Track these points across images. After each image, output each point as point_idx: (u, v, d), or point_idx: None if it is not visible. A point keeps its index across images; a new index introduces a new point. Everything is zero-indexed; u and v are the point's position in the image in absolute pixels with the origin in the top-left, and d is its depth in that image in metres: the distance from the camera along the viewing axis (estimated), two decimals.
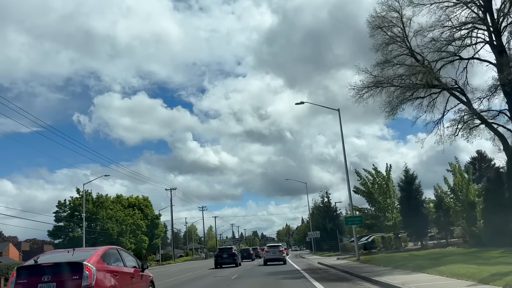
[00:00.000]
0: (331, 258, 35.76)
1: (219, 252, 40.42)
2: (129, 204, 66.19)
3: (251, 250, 51.39)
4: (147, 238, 61.06)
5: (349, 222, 25.30)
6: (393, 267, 17.36)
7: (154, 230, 67.14)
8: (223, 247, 42.08)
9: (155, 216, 67.41)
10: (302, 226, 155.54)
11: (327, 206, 51.94)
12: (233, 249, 40.12)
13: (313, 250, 57.53)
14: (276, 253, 34.12)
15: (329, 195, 52.77)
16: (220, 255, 39.10)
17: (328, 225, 50.04)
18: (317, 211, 62.82)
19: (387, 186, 32.09)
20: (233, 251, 39.22)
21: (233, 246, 42.99)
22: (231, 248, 40.72)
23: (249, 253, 50.40)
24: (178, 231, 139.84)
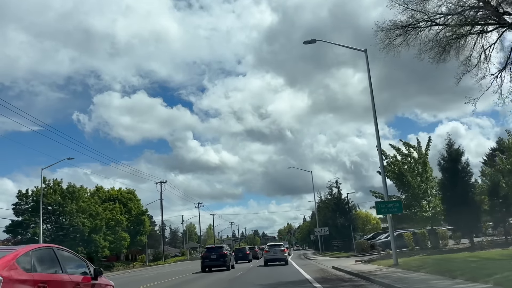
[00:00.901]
0: (347, 260, 27.78)
1: (206, 252, 32.70)
2: (109, 197, 58.25)
3: (247, 249, 43.43)
4: (127, 236, 53.02)
5: (383, 209, 17.25)
6: (495, 284, 9.26)
7: (139, 226, 59.10)
8: (211, 246, 34.27)
9: (140, 211, 59.33)
10: (304, 224, 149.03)
11: (338, 198, 43.95)
12: (224, 249, 32.47)
13: (321, 249, 49.43)
14: (277, 252, 31.65)
15: (339, 185, 44.99)
16: (208, 256, 31.39)
17: (338, 220, 42.04)
18: (323, 205, 54.70)
19: (424, 165, 23.87)
20: (223, 251, 31.53)
21: (224, 245, 35.03)
22: (221, 247, 32.98)
23: (244, 253, 42.42)
24: (176, 229, 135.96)
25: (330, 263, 27.66)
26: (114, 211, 52.20)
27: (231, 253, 35.63)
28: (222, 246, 33.89)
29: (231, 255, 34.75)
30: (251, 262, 42.25)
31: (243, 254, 42.19)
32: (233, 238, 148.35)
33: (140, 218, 59.06)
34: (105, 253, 45.94)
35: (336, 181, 44.75)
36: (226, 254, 31.63)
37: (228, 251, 33.55)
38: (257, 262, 41.50)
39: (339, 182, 44.67)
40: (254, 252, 49.59)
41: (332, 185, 49.88)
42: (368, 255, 33.75)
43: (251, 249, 49.80)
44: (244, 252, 42.49)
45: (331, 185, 49.77)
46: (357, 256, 32.51)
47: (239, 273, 25.27)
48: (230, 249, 36.43)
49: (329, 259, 33.92)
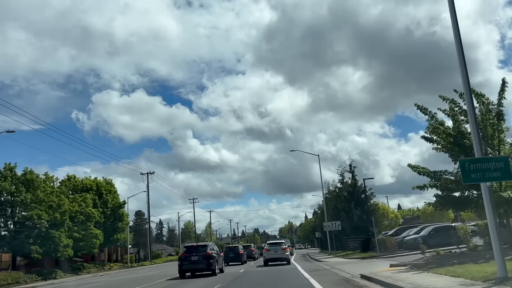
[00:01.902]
0: (375, 264, 19.71)
1: (186, 252, 25.18)
2: (83, 187, 50.05)
3: (240, 248, 35.11)
4: (100, 232, 44.82)
5: (475, 173, 9.06)
6: None
7: (116, 222, 50.85)
8: (191, 245, 26.57)
9: (118, 204, 51.03)
10: (307, 222, 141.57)
11: (352, 185, 35.63)
12: (208, 248, 24.86)
13: (330, 248, 41.17)
14: (278, 251, 29.14)
15: (354, 168, 36.61)
16: (187, 258, 24.24)
17: (354, 212, 33.75)
18: (331, 195, 46.46)
19: (497, 120, 15.44)
20: (207, 250, 24.21)
21: (209, 243, 27.00)
22: (204, 246, 25.37)
23: (237, 253, 34.20)
24: (173, 227, 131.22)
25: (352, 268, 19.43)
26: (84, 203, 43.95)
27: (219, 254, 27.55)
28: (206, 244, 25.96)
29: (220, 256, 26.87)
30: (245, 264, 34.10)
31: (235, 254, 34.01)
32: (232, 236, 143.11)
33: (117, 212, 50.76)
34: (68, 252, 37.66)
35: (350, 164, 36.58)
36: (211, 254, 24.12)
37: (214, 251, 25.79)
38: (252, 264, 33.33)
39: (354, 165, 36.52)
40: (249, 252, 41.44)
41: (343, 170, 41.55)
42: (397, 255, 25.58)
43: (245, 248, 41.61)
44: (236, 251, 34.26)
45: (342, 171, 41.45)
46: (384, 258, 24.32)
47: (230, 279, 17.29)
48: (217, 248, 28.24)
49: (346, 262, 25.64)
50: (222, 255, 29.12)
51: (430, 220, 58.93)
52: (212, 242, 28.02)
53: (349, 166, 36.30)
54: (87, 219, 43.72)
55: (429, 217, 63.77)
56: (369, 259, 26.04)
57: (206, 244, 25.83)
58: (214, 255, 24.97)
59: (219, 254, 26.94)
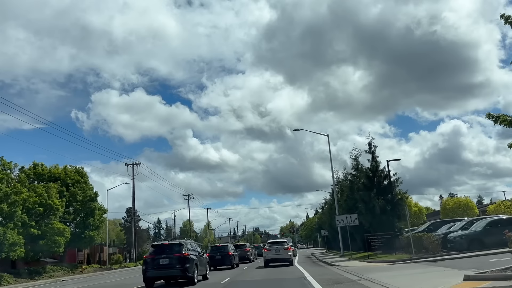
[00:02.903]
0: (432, 274, 12.53)
1: (153, 253, 18.21)
2: (50, 176, 42.68)
3: (230, 249, 27.48)
4: (66, 228, 37.43)
5: None
6: None
7: (88, 217, 43.44)
8: (161, 244, 19.38)
9: (89, 197, 43.55)
10: (309, 220, 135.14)
11: (373, 169, 28.07)
12: (184, 248, 18.11)
13: (343, 248, 33.71)
14: (279, 251, 26.12)
15: (375, 148, 28.99)
16: (155, 261, 17.75)
17: (375, 202, 26.22)
18: (343, 185, 39.09)
19: None
20: (182, 251, 17.80)
21: (187, 241, 19.60)
22: (178, 245, 18.41)
23: (225, 254, 26.67)
24: (170, 226, 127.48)
25: (398, 280, 12.01)
26: (47, 193, 36.57)
27: (202, 255, 20.30)
28: (181, 243, 18.90)
29: (202, 258, 19.82)
30: (236, 268, 26.75)
31: (223, 255, 26.55)
32: (232, 236, 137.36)
33: (89, 206, 43.31)
34: (17, 252, 30.28)
35: (370, 143, 28.97)
36: (187, 257, 17.62)
37: (193, 251, 18.92)
38: (245, 269, 26.03)
39: (375, 144, 28.93)
40: (242, 253, 33.98)
41: (357, 154, 34.06)
42: (443, 257, 18.21)
43: (238, 248, 34.23)
44: (224, 252, 26.72)
45: (357, 155, 33.94)
46: (427, 262, 16.91)
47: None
48: (200, 249, 20.88)
49: (374, 268, 18.18)
50: (206, 257, 21.70)
51: (451, 216, 51.68)
52: (190, 240, 20.55)
53: (368, 146, 28.82)
54: (49, 212, 36.38)
55: (450, 213, 56.33)
56: (405, 264, 18.62)
57: (181, 243, 18.52)
58: (191, 257, 17.87)
59: (200, 256, 19.69)
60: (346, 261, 25.40)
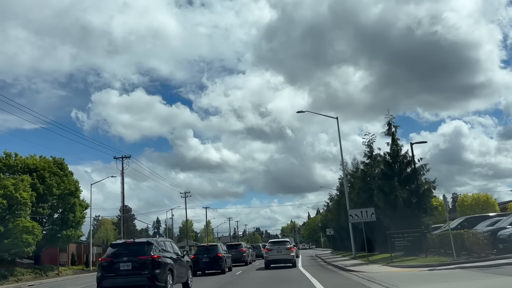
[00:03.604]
0: None
1: (112, 255, 13.40)
2: (24, 168, 38.01)
3: (221, 250, 22.51)
4: (36, 225, 32.75)
5: None
6: None
7: (67, 214, 38.73)
8: (123, 243, 14.39)
9: (68, 191, 38.81)
10: (312, 220, 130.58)
11: (394, 153, 23.13)
12: (153, 249, 13.17)
13: (355, 249, 28.91)
14: (282, 251, 24.10)
15: (396, 129, 24.02)
16: (113, 266, 13.28)
17: (399, 193, 21.36)
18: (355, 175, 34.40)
19: None
20: (151, 253, 13.17)
21: (155, 240, 14.54)
22: (146, 245, 13.53)
23: (215, 256, 21.79)
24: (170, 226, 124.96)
25: None
26: (13, 186, 31.91)
27: (182, 258, 15.56)
28: (150, 242, 13.85)
29: (183, 262, 15.35)
30: (228, 273, 22.02)
31: (212, 258, 21.72)
32: (233, 236, 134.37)
33: (68, 202, 38.59)
34: None
35: (389, 123, 23.91)
36: (158, 260, 13.13)
37: (168, 252, 14.41)
38: (237, 274, 21.31)
39: (395, 124, 23.99)
40: (237, 254, 29.27)
41: (371, 140, 29.42)
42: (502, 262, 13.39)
43: (232, 248, 29.52)
44: (213, 254, 21.80)
45: (371, 141, 29.33)
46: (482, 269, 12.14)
47: None
48: (180, 250, 16.07)
49: (410, 276, 13.44)
50: (189, 260, 16.89)
51: (469, 213, 47.02)
52: (165, 239, 15.63)
53: (387, 126, 23.94)
54: (15, 207, 31.74)
55: (468, 210, 51.55)
56: (447, 270, 13.85)
57: (150, 241, 13.76)
58: (163, 261, 13.34)
59: (179, 260, 15.00)
60: (363, 265, 20.59)
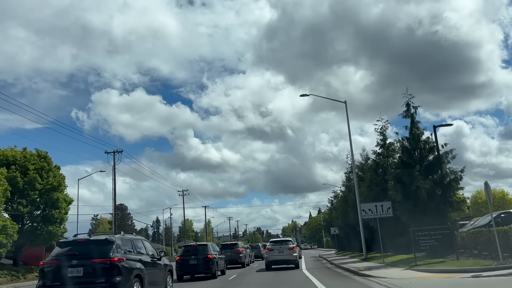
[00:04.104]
0: None
1: (56, 258, 10.45)
2: (2, 160, 34.69)
3: (211, 250, 19.04)
4: (9, 222, 29.50)
5: None
6: None
7: (49, 210, 35.42)
8: (71, 241, 11.09)
9: (51, 186, 35.52)
10: (314, 219, 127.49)
11: (415, 138, 19.65)
12: (114, 248, 10.25)
13: (366, 249, 25.63)
14: (283, 251, 22.70)
15: (416, 110, 20.62)
16: (56, 271, 9.90)
17: (421, 184, 18.03)
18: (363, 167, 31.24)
19: None
20: (110, 256, 10.03)
21: (118, 236, 11.09)
22: (101, 244, 10.35)
23: (204, 257, 18.39)
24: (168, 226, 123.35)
25: None
26: None
27: (159, 259, 12.16)
28: (111, 240, 10.72)
29: (158, 266, 12.16)
30: (221, 277, 18.76)
31: (201, 259, 18.35)
32: (233, 235, 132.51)
33: (51, 197, 35.30)
34: None
35: (408, 103, 20.47)
36: (119, 263, 9.98)
37: (137, 254, 11.21)
38: (232, 278, 18.03)
39: (414, 105, 20.57)
40: (234, 255, 26.05)
41: (384, 127, 26.30)
42: None
43: (227, 248, 26.29)
44: (202, 255, 18.37)
45: (383, 128, 26.21)
46: None
47: None
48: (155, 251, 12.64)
49: (452, 285, 10.05)
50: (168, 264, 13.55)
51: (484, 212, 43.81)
52: (132, 236, 11.94)
53: (406, 107, 20.64)
54: None
55: (482, 208, 48.29)
56: (500, 277, 10.58)
57: (109, 240, 10.56)
58: (126, 266, 10.25)
59: (154, 264, 11.75)
60: (380, 268, 17.30)
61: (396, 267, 16.90)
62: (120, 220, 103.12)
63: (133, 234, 12.34)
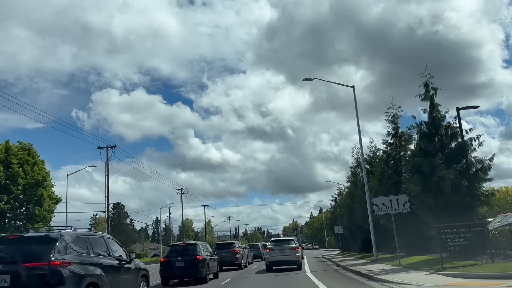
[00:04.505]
0: None
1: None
2: None
3: (201, 251, 16.43)
4: None
5: None
6: None
7: (32, 207, 33.16)
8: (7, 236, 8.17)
9: (34, 181, 33.18)
10: (315, 218, 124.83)
11: (435, 122, 17.03)
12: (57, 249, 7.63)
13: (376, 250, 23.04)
14: (285, 251, 21.08)
15: (435, 91, 18.11)
16: None
17: (444, 174, 15.50)
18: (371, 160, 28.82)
19: None
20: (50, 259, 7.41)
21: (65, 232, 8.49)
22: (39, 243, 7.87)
23: (193, 259, 15.81)
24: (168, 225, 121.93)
25: None
26: None
27: (127, 262, 9.47)
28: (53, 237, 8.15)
29: (128, 271, 9.66)
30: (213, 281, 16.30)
31: (190, 261, 15.71)
32: (234, 235, 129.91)
33: (34, 193, 32.96)
34: None
35: (427, 83, 17.86)
36: (61, 269, 7.45)
37: (94, 256, 8.82)
38: (226, 282, 15.50)
39: (434, 86, 17.99)
40: (230, 255, 23.59)
41: (396, 115, 23.92)
42: None
43: (222, 248, 23.84)
44: (190, 256, 15.59)
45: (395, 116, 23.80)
46: None
47: None
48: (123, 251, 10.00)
49: None
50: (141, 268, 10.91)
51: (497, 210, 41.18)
52: (87, 232, 9.29)
53: (425, 88, 18.11)
54: None
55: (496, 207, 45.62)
56: None
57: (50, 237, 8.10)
58: (74, 273, 7.79)
59: (121, 268, 9.21)
60: (399, 271, 14.74)
61: (417, 270, 14.35)
62: (117, 219, 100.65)
63: (91, 230, 9.85)
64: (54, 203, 35.78)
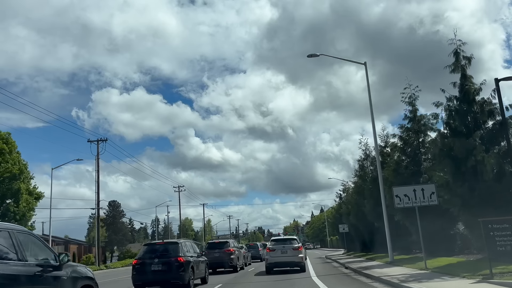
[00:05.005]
0: None
1: None
2: None
3: (183, 251, 13.18)
4: None
5: None
6: None
7: (7, 202, 30.21)
8: None
9: (10, 173, 30.17)
10: (317, 218, 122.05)
11: (471, 97, 14.01)
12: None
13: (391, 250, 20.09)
14: (287, 252, 19.09)
15: (468, 60, 14.99)
16: None
17: (483, 158, 12.57)
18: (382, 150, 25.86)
19: None
20: None
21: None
22: None
23: (173, 261, 12.70)
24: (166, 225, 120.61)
25: None
26: None
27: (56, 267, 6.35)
28: None
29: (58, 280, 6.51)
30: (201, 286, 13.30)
31: (168, 264, 12.70)
32: (234, 234, 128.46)
33: (10, 187, 29.99)
34: None
35: (457, 51, 14.96)
36: None
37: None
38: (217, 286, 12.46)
39: (466, 54, 15.05)
40: (223, 256, 20.68)
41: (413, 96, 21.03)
42: None
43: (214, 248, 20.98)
44: (170, 258, 12.56)
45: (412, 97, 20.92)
46: None
47: None
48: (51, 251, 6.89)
49: None
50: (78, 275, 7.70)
51: None
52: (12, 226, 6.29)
53: (455, 57, 15.16)
54: None
55: None
56: None
57: None
58: None
59: (41, 278, 6.09)
60: (433, 278, 11.71)
61: (456, 276, 11.34)
62: (112, 218, 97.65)
63: None
64: (35, 199, 32.83)
